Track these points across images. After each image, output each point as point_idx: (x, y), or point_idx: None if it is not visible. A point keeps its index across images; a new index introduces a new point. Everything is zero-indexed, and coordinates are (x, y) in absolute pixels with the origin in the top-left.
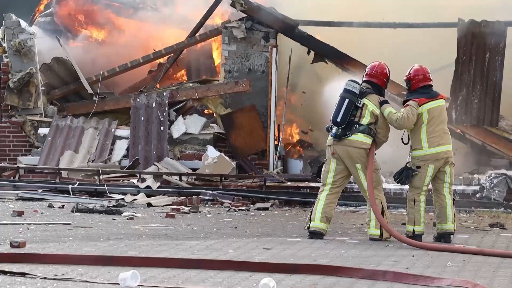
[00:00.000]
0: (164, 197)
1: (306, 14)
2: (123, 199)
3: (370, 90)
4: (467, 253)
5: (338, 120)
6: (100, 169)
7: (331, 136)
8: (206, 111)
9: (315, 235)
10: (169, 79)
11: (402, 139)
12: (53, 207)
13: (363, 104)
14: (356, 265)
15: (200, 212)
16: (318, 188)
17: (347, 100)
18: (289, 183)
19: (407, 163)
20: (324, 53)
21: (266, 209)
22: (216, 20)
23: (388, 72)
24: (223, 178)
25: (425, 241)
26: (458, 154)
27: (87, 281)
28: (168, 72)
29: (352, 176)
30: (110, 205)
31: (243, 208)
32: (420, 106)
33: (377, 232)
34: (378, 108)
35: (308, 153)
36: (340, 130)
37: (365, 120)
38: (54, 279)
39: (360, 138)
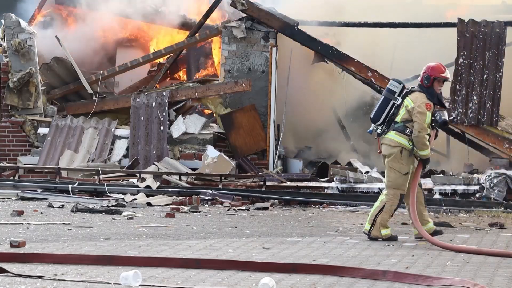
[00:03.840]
0: (163, 196)
1: (306, 13)
2: (123, 198)
3: (416, 89)
4: (492, 255)
5: (371, 116)
6: (100, 168)
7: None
8: (205, 111)
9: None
10: (168, 79)
11: None
12: (53, 207)
13: (403, 102)
14: (356, 265)
15: (199, 211)
16: (317, 187)
17: (382, 97)
18: (288, 183)
19: None
20: (324, 53)
21: (265, 208)
22: (216, 21)
23: (429, 69)
24: (222, 177)
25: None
26: (458, 154)
27: (86, 281)
28: (167, 71)
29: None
30: (110, 204)
31: (243, 207)
32: None
33: (367, 227)
34: (412, 103)
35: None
36: (378, 127)
37: (399, 117)
38: (54, 278)
39: (391, 136)
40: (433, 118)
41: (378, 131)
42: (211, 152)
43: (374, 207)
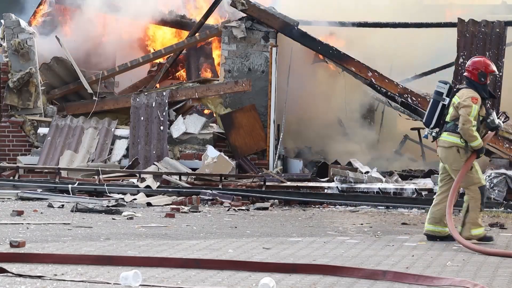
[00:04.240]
0: (163, 196)
1: (306, 13)
2: (122, 198)
3: (463, 86)
4: None
5: (423, 121)
6: (99, 168)
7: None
8: (205, 111)
9: (429, 237)
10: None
11: None
12: (53, 207)
13: (451, 101)
14: (356, 265)
15: (199, 211)
16: (317, 187)
17: (431, 101)
18: (288, 183)
19: None
20: (324, 53)
21: (265, 208)
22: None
23: (482, 66)
24: (222, 178)
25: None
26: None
27: (86, 281)
28: (167, 71)
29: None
30: (110, 204)
31: (243, 207)
32: None
33: (459, 228)
34: (459, 99)
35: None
36: (432, 131)
37: (448, 117)
38: (54, 278)
39: (444, 137)
40: (482, 116)
41: (433, 134)
42: (211, 152)
43: (462, 208)
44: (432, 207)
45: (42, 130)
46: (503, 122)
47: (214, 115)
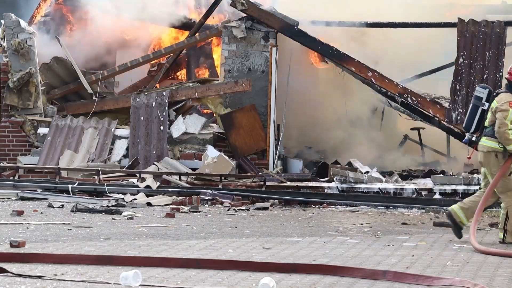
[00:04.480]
0: (163, 196)
1: (306, 13)
2: (122, 198)
3: (502, 90)
4: None
5: (464, 125)
6: (99, 168)
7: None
8: (205, 111)
9: (448, 217)
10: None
11: None
12: (53, 207)
13: (489, 106)
14: (356, 265)
15: (199, 211)
16: (317, 187)
17: (471, 105)
18: (288, 183)
19: None
20: (324, 53)
21: (265, 208)
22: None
23: None
24: (222, 177)
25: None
26: (458, 154)
27: (86, 281)
28: (167, 71)
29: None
30: (110, 204)
31: (243, 207)
32: None
33: (500, 235)
34: (497, 103)
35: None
36: (473, 136)
37: (486, 122)
38: (54, 278)
39: (482, 142)
40: None
41: (473, 139)
42: (211, 152)
43: (501, 215)
44: (469, 197)
45: (42, 130)
46: None
47: (214, 115)
